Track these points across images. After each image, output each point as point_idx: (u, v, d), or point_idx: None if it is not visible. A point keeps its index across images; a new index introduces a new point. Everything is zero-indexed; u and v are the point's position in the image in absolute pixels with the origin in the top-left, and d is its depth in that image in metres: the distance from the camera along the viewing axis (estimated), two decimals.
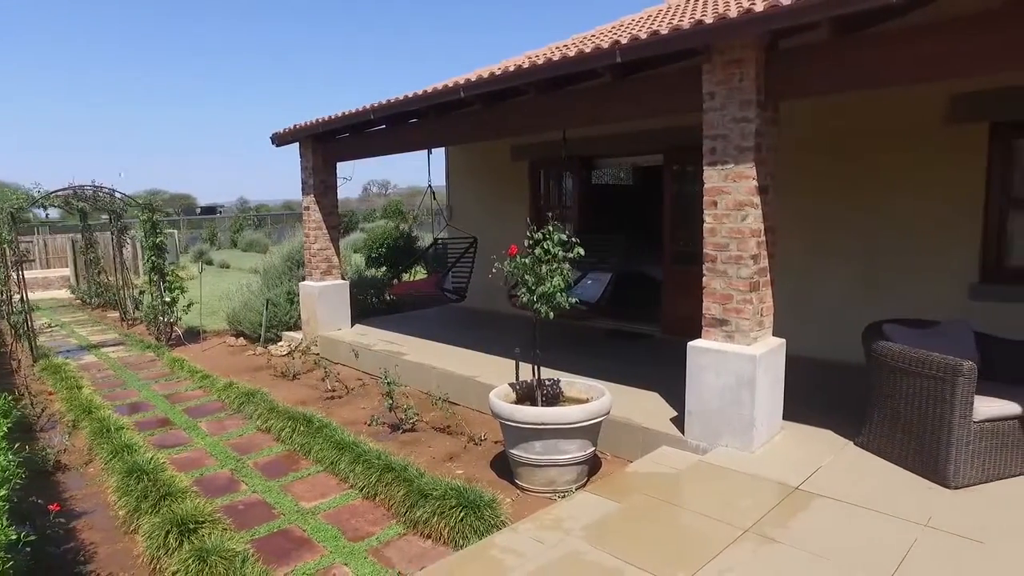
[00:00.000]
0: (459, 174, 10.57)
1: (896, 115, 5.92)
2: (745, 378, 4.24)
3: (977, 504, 3.55)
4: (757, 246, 4.27)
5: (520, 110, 6.05)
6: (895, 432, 4.05)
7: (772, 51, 4.27)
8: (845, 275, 6.37)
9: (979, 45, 3.53)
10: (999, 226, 5.64)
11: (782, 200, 6.66)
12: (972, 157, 5.61)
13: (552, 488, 4.29)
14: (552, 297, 4.24)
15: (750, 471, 4.03)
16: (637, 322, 8.03)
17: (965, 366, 3.63)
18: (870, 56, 3.89)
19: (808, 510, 3.54)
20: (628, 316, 8.06)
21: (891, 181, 6.04)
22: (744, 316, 4.30)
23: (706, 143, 4.41)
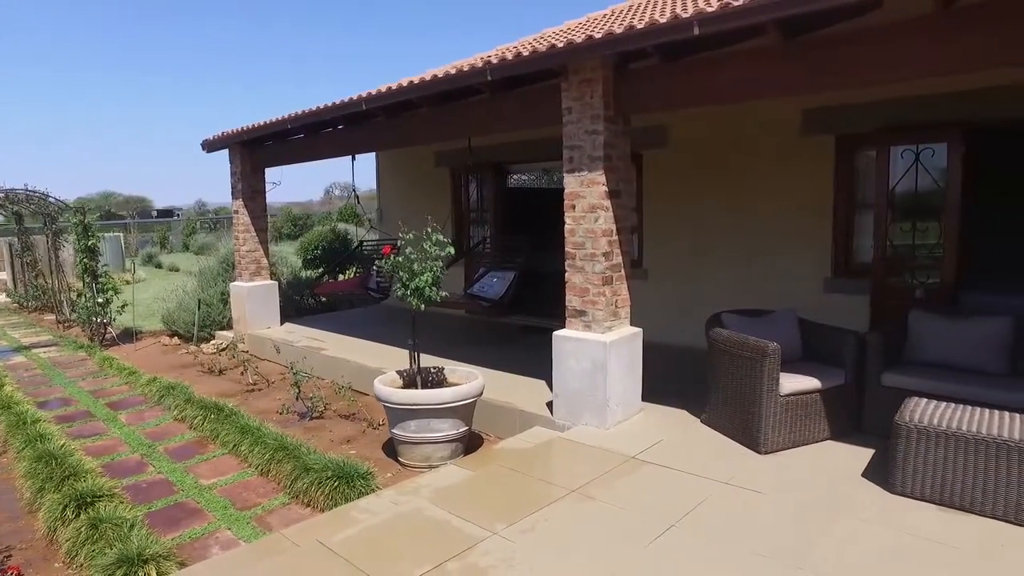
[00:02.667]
0: (388, 179, 11.01)
1: (763, 126, 6.56)
2: (599, 363, 4.77)
3: (774, 465, 4.13)
4: (609, 244, 4.81)
5: (417, 121, 6.52)
6: (726, 408, 4.63)
7: (621, 72, 4.82)
8: (724, 272, 6.98)
9: (760, 74, 4.16)
10: (846, 227, 6.30)
11: (672, 205, 7.33)
12: (822, 165, 6.26)
13: (428, 463, 4.77)
14: (422, 291, 4.72)
15: (599, 445, 4.55)
16: (549, 318, 8.54)
17: (770, 347, 4.21)
18: (689, 79, 4.48)
19: (634, 475, 4.07)
20: (540, 312, 8.58)
21: (760, 187, 6.67)
22: (599, 307, 4.84)
23: (565, 152, 4.95)
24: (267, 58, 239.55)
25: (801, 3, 3.56)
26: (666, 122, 7.20)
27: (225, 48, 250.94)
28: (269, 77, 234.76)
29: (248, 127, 8.25)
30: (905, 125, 5.74)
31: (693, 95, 4.55)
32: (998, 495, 3.38)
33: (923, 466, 3.59)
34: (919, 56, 3.65)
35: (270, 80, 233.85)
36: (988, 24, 3.40)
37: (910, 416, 3.68)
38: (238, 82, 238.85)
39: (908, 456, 3.63)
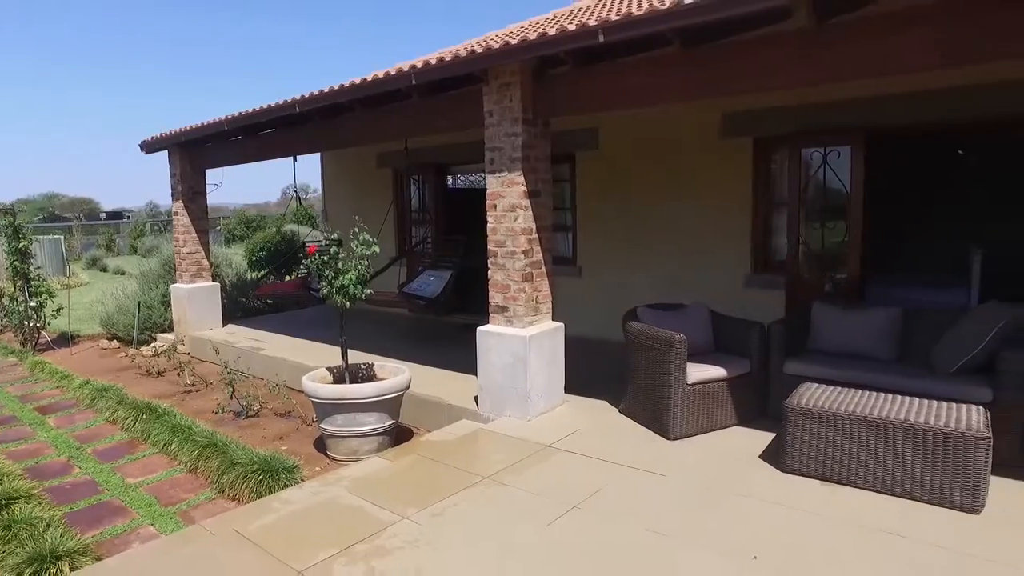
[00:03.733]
0: (332, 180, 11.06)
1: (687, 128, 6.83)
2: (520, 356, 4.95)
3: (681, 450, 4.37)
4: (528, 242, 5.00)
5: (350, 123, 6.63)
6: (640, 397, 4.85)
7: (540, 77, 5.01)
8: (654, 268, 7.24)
9: (662, 80, 4.42)
10: (764, 226, 6.62)
11: (605, 204, 7.57)
12: (742, 167, 6.57)
13: (355, 456, 4.88)
14: (347, 289, 4.84)
15: (519, 435, 4.73)
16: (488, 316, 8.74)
17: (677, 339, 4.45)
18: (601, 84, 4.71)
19: (546, 462, 4.26)
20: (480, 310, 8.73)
21: (687, 187, 6.95)
22: (519, 303, 5.02)
23: (487, 154, 5.12)
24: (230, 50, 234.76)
25: (693, 15, 3.80)
26: (597, 124, 7.44)
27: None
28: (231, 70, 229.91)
29: (186, 128, 8.22)
30: (815, 129, 6.07)
31: (604, 99, 4.77)
32: (872, 468, 3.66)
33: (808, 445, 3.86)
34: (791, 68, 3.92)
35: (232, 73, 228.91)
36: (859, 39, 3.68)
37: (798, 400, 3.94)
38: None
39: (796, 437, 3.89)
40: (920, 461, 3.52)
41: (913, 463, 3.54)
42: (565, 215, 8.13)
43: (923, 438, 3.51)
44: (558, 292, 7.90)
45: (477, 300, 8.53)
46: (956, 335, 4.36)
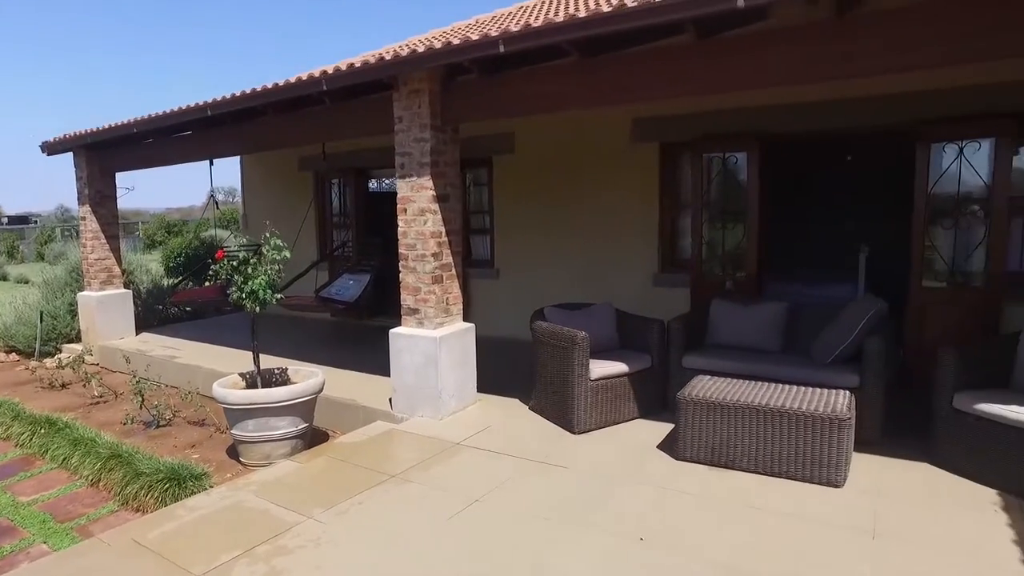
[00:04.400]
0: (253, 184, 10.87)
1: (600, 133, 7.10)
2: (431, 357, 5.06)
3: (584, 443, 4.58)
4: (438, 246, 5.11)
5: (265, 127, 6.58)
6: (547, 394, 5.04)
7: (449, 84, 5.13)
8: (569, 268, 7.47)
9: (563, 88, 4.62)
10: (671, 226, 6.96)
11: (522, 207, 7.75)
12: (650, 170, 6.89)
13: (268, 461, 4.87)
14: (257, 294, 4.83)
15: (430, 434, 4.83)
16: None
17: (579, 336, 4.65)
18: (506, 91, 4.88)
19: (454, 459, 4.38)
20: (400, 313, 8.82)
21: (599, 189, 7.21)
22: (430, 305, 5.12)
23: (397, 159, 5.20)
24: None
25: (588, 27, 4.00)
26: (513, 129, 7.63)
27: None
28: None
29: (91, 130, 7.94)
30: (715, 135, 6.42)
31: (509, 105, 4.94)
32: (754, 452, 3.95)
33: (699, 433, 4.12)
34: (692, 76, 4.18)
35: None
36: (751, 51, 3.97)
37: (689, 392, 4.20)
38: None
39: (688, 426, 4.15)
40: (793, 442, 3.83)
41: (788, 445, 3.84)
42: (483, 218, 8.28)
43: (796, 422, 3.81)
44: (476, 293, 8.12)
45: (397, 303, 8.61)
46: (832, 327, 4.73)
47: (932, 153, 5.43)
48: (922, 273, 5.59)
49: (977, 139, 5.26)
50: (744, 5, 3.42)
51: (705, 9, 3.54)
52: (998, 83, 5.04)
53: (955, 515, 3.42)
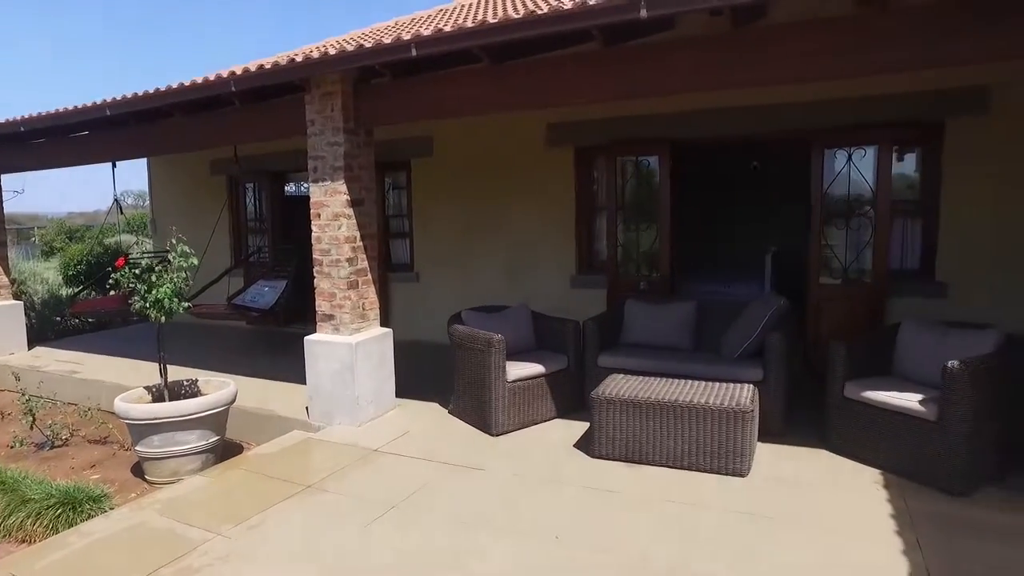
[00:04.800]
0: (162, 187, 10.38)
1: (516, 137, 7.16)
2: (347, 363, 4.98)
3: (502, 444, 4.62)
4: (353, 251, 5.04)
5: (170, 129, 6.31)
6: (466, 397, 5.05)
7: (362, 87, 5.07)
8: (490, 271, 7.51)
9: (474, 92, 4.66)
10: (587, 229, 7.11)
11: (441, 210, 7.72)
12: (565, 174, 7.02)
13: (176, 477, 4.66)
14: (162, 303, 4.62)
15: (347, 441, 4.76)
16: None
17: (495, 339, 4.69)
18: (419, 95, 4.87)
19: (371, 466, 4.33)
20: None
21: (518, 193, 7.28)
22: (345, 311, 5.05)
23: (310, 163, 5.10)
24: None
25: (498, 33, 4.05)
26: (431, 132, 7.60)
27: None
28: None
29: None
30: (628, 140, 6.62)
31: (423, 109, 4.93)
32: (665, 447, 4.09)
33: (613, 431, 4.23)
34: (600, 82, 4.30)
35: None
36: (656, 59, 4.12)
37: (603, 391, 4.31)
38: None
39: (602, 424, 4.25)
40: (701, 436, 3.99)
41: (696, 438, 4.01)
42: (403, 221, 8.22)
43: (703, 416, 3.98)
44: (396, 298, 8.05)
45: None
46: (738, 324, 4.97)
47: (825, 159, 5.80)
48: (819, 271, 5.94)
49: (863, 147, 5.65)
50: (647, 16, 3.54)
51: (610, 18, 3.65)
52: (881, 95, 5.43)
53: (844, 495, 3.67)
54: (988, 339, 3.91)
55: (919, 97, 5.39)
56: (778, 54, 3.75)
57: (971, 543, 3.15)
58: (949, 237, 5.59)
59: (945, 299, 5.54)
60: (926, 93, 5.35)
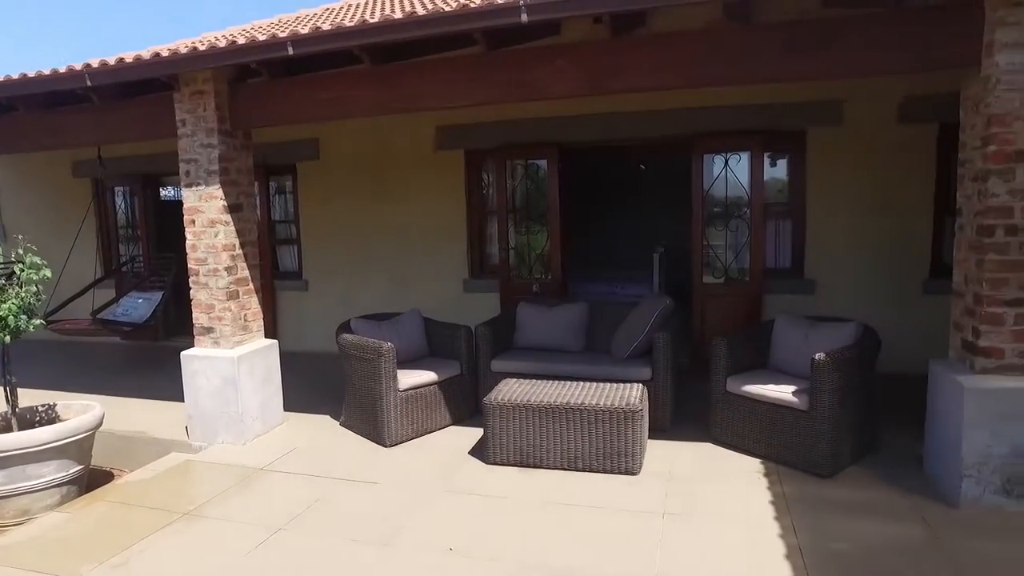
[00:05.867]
0: (12, 191, 9.40)
1: (406, 140, 7.03)
2: (229, 378, 4.69)
3: (396, 456, 4.50)
4: (232, 259, 4.75)
5: (15, 126, 5.71)
6: (357, 408, 4.88)
7: (239, 86, 4.79)
8: (383, 277, 7.32)
9: (355, 93, 4.53)
10: (479, 232, 7.10)
11: (330, 215, 7.44)
12: (456, 177, 6.96)
13: (27, 516, 4.19)
14: (6, 321, 4.16)
15: (231, 461, 4.47)
16: None
17: (384, 347, 4.56)
18: (299, 96, 4.67)
19: (256, 486, 4.09)
20: None
21: (409, 196, 7.15)
22: (225, 323, 4.75)
23: (182, 166, 4.77)
24: None
25: (378, 33, 3.94)
26: (318, 134, 7.32)
27: None
28: None
29: None
30: (518, 143, 6.65)
31: (304, 110, 4.72)
32: (559, 449, 4.12)
33: (507, 436, 4.21)
34: (483, 85, 4.28)
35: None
36: (537, 63, 4.14)
37: (495, 396, 4.29)
38: None
39: (495, 430, 4.23)
40: (593, 437, 4.05)
41: (588, 439, 4.06)
42: (290, 227, 7.88)
43: (594, 417, 4.03)
44: (284, 307, 7.71)
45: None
46: (627, 324, 5.09)
47: (704, 163, 6.07)
48: (702, 270, 6.21)
49: (738, 152, 5.97)
50: (527, 20, 3.55)
51: (491, 22, 3.64)
52: (754, 104, 5.76)
53: (729, 485, 3.83)
54: (849, 331, 4.21)
55: (786, 107, 5.76)
56: (655, 62, 3.87)
57: (839, 522, 3.36)
58: (814, 237, 6.01)
59: (813, 295, 5.95)
60: (791, 104, 5.72)
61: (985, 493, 3.44)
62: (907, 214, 5.74)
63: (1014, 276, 3.39)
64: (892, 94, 5.55)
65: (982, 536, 3.21)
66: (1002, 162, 3.36)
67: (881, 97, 5.59)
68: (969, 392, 3.41)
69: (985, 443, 3.41)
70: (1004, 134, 3.35)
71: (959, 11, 3.44)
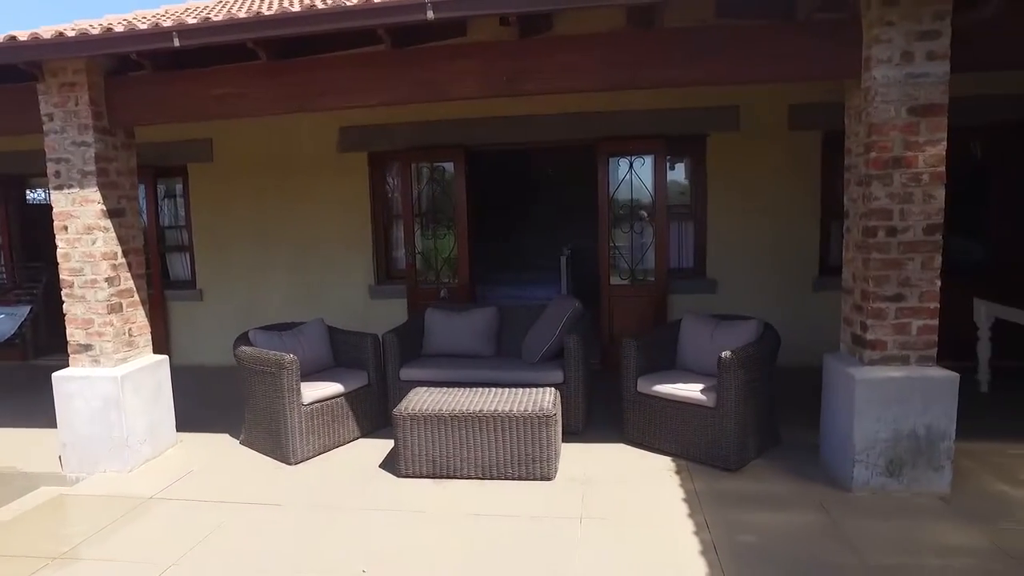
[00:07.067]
0: None
1: (307, 141, 6.73)
2: (112, 400, 4.28)
3: (302, 474, 4.25)
4: (112, 268, 4.35)
5: None
6: (259, 425, 4.59)
7: (118, 79, 4.39)
8: (285, 285, 6.97)
9: (248, 90, 4.27)
10: (385, 237, 6.91)
11: (227, 220, 7.00)
12: (360, 180, 6.74)
13: None
14: None
15: (115, 492, 4.07)
16: None
17: (287, 359, 4.31)
18: (187, 91, 4.34)
19: (144, 518, 3.72)
20: None
21: (312, 200, 6.84)
22: (107, 339, 4.34)
23: (50, 166, 4.32)
24: None
25: (274, 27, 3.71)
26: (212, 134, 6.88)
27: None
28: None
29: None
30: (423, 146, 6.52)
31: (193, 108, 4.38)
32: (473, 458, 4.02)
33: (419, 448, 4.07)
34: (371, 87, 4.13)
35: None
36: (443, 63, 4.03)
37: (405, 406, 4.14)
38: None
39: (406, 442, 4.08)
40: (507, 444, 3.98)
41: (503, 447, 3.99)
42: (181, 233, 7.36)
43: (508, 424, 3.97)
44: (177, 319, 7.21)
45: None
46: (537, 328, 5.07)
47: (610, 166, 6.17)
48: (609, 271, 6.31)
49: (642, 155, 6.11)
50: (433, 18, 3.45)
51: (395, 18, 3.51)
52: (658, 109, 5.92)
53: (643, 485, 3.87)
54: (751, 329, 4.37)
55: (687, 113, 5.95)
56: (564, 64, 3.87)
57: (747, 515, 3.47)
58: (715, 238, 6.24)
59: (715, 294, 6.18)
60: (692, 109, 5.93)
61: (873, 476, 3.65)
62: (798, 216, 6.07)
63: (894, 273, 3.63)
64: (782, 102, 5.86)
65: (872, 516, 3.41)
66: (881, 168, 3.58)
67: (773, 104, 5.89)
68: (859, 383, 3.62)
69: (873, 429, 3.62)
70: (882, 142, 3.57)
71: (842, 27, 3.65)
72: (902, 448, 3.62)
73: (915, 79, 3.50)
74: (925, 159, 3.55)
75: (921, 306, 3.63)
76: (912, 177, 3.55)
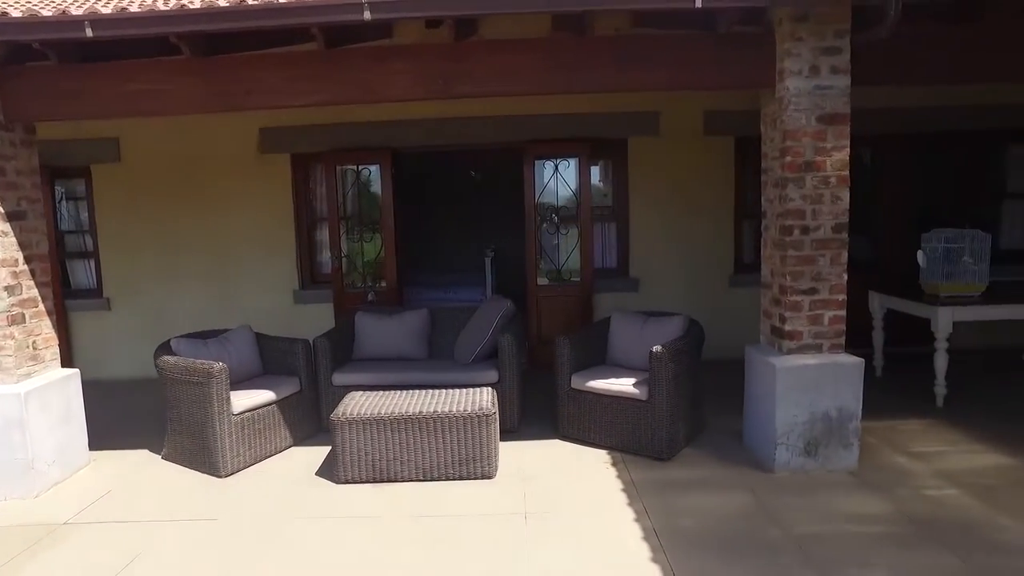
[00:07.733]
0: None
1: (226, 141, 6.45)
2: (14, 419, 3.95)
3: (234, 486, 4.09)
4: (14, 276, 4.03)
5: None
6: (184, 438, 4.37)
7: (14, 71, 4.08)
8: (203, 292, 6.64)
9: (170, 87, 4.10)
10: (309, 240, 6.74)
11: (135, 224, 6.60)
12: (282, 182, 6.54)
13: None
14: None
15: (19, 521, 3.74)
16: None
17: (215, 368, 4.13)
18: (100, 87, 4.10)
19: (57, 547, 3.43)
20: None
21: (231, 202, 6.56)
22: (8, 353, 4.00)
23: None
24: None
25: (198, 21, 3.56)
26: (119, 133, 6.47)
27: None
28: None
29: None
30: (348, 147, 6.40)
31: (104, 104, 4.11)
32: (413, 461, 4.01)
33: (357, 452, 4.01)
34: (301, 88, 4.05)
35: None
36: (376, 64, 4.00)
37: (340, 411, 4.07)
38: None
39: (344, 447, 4.01)
40: (447, 444, 3.99)
41: (443, 447, 4.00)
42: (84, 238, 6.88)
43: (447, 424, 3.98)
44: (82, 330, 6.75)
45: None
46: (470, 329, 5.10)
47: (535, 168, 6.29)
48: (536, 272, 6.42)
49: (567, 158, 6.27)
50: (370, 18, 3.42)
51: (330, 17, 3.45)
52: (582, 113, 6.10)
53: (582, 478, 3.98)
54: (678, 324, 4.58)
55: (610, 117, 6.17)
56: (498, 67, 3.93)
57: (682, 500, 3.65)
58: (637, 239, 6.49)
59: (638, 292, 6.42)
60: (615, 114, 6.15)
61: (792, 457, 3.92)
62: (713, 217, 6.41)
63: (808, 269, 3.91)
64: (698, 109, 6.18)
65: (792, 494, 3.68)
66: (795, 171, 3.86)
67: (689, 111, 6.19)
68: (780, 371, 3.88)
69: (792, 414, 3.89)
70: (795, 147, 3.85)
71: (758, 40, 3.91)
72: (817, 430, 3.91)
73: (822, 90, 3.80)
74: (832, 163, 3.85)
75: (831, 298, 3.93)
76: (822, 180, 3.85)
